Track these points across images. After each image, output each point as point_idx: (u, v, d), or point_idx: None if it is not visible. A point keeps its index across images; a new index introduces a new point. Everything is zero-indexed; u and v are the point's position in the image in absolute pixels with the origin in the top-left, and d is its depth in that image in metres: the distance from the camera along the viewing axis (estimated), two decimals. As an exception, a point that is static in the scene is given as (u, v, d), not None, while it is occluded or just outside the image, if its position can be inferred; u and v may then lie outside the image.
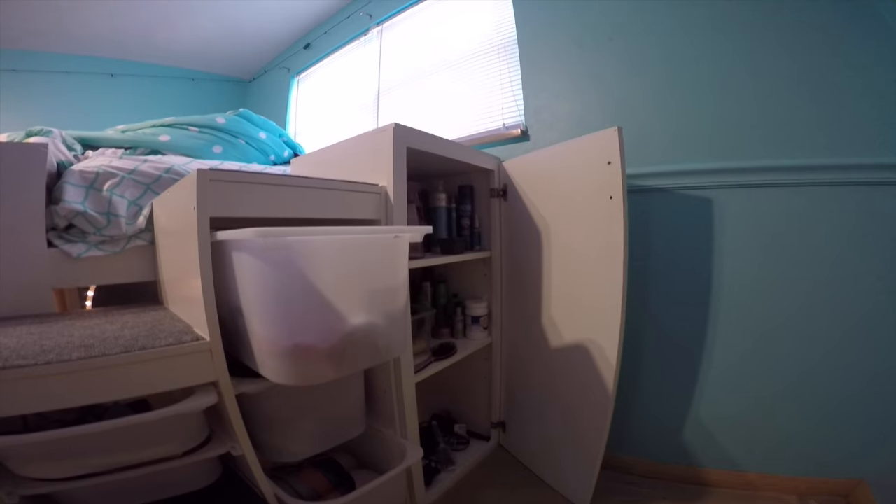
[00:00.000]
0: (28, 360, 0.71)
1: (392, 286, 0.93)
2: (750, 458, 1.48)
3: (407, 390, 1.26)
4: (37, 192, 1.17)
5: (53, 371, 0.71)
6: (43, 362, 0.71)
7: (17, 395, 0.69)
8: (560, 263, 1.43)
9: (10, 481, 0.76)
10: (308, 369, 0.79)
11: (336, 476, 1.31)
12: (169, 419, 0.80)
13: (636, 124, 1.51)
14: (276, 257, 0.72)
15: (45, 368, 0.70)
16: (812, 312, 1.38)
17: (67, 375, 0.72)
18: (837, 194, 1.32)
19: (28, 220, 1.16)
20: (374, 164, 1.23)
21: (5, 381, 0.67)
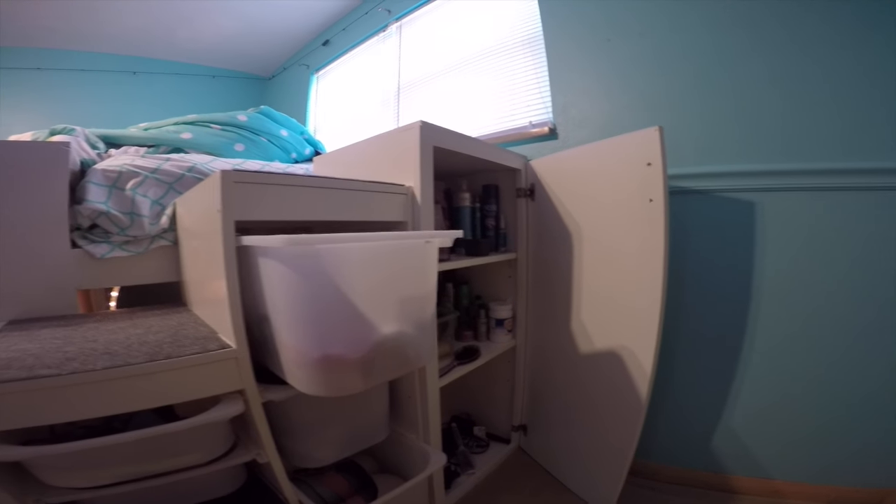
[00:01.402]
0: (52, 370, 0.70)
1: (422, 294, 0.90)
2: (778, 466, 1.44)
3: (431, 395, 1.23)
4: (60, 191, 1.16)
5: (77, 381, 0.69)
6: (67, 372, 0.69)
7: (40, 405, 0.67)
8: (592, 266, 1.39)
9: (37, 489, 0.75)
10: (337, 380, 0.76)
11: (358, 480, 1.30)
12: (196, 428, 0.78)
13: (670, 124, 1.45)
14: (306, 266, 0.69)
15: (69, 378, 0.68)
16: (851, 320, 1.32)
17: (92, 385, 0.70)
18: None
19: (51, 221, 1.15)
20: (399, 164, 1.19)
21: (29, 392, 0.66)
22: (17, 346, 0.83)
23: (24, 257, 1.11)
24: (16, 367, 0.71)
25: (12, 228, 1.10)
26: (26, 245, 1.11)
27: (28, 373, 0.68)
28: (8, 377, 0.66)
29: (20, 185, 1.11)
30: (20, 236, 1.10)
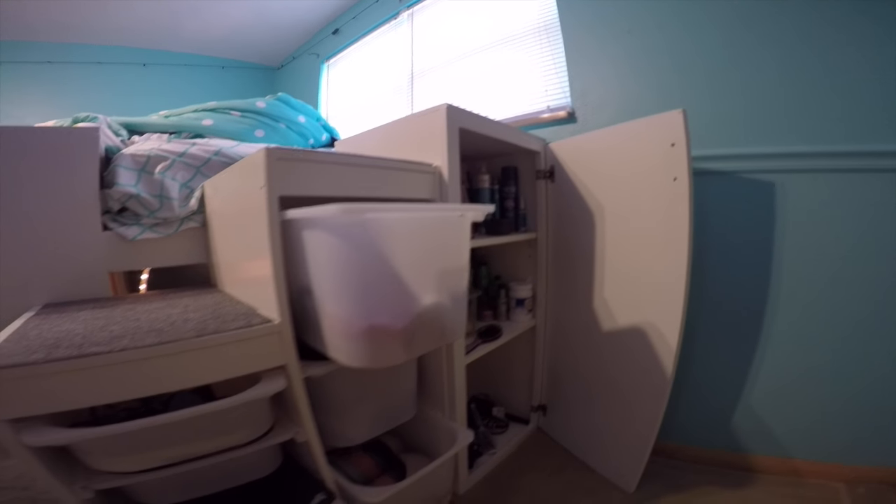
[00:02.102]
0: (102, 348, 0.70)
1: (458, 266, 0.92)
2: (797, 445, 1.46)
3: (458, 373, 1.26)
4: (91, 175, 1.18)
5: (128, 358, 0.69)
6: (118, 349, 0.69)
7: (92, 385, 0.68)
8: (615, 244, 1.40)
9: (84, 475, 0.75)
10: (381, 351, 0.78)
11: (385, 459, 1.32)
12: (241, 406, 0.78)
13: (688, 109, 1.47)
14: (355, 235, 0.71)
15: (121, 356, 0.68)
16: (870, 297, 1.33)
17: (142, 363, 0.71)
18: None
19: (83, 204, 1.17)
20: (425, 145, 1.21)
21: (80, 371, 0.66)
22: (60, 327, 0.84)
23: (58, 241, 1.13)
24: (65, 345, 0.72)
25: (45, 213, 1.12)
26: (59, 229, 1.13)
27: (79, 350, 0.68)
28: (59, 355, 0.66)
29: (53, 170, 1.13)
30: (53, 220, 1.12)
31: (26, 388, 0.63)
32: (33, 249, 1.10)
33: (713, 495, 1.39)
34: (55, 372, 0.64)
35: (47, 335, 0.78)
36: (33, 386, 0.64)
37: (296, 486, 1.03)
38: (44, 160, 1.12)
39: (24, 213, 1.09)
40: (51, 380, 0.65)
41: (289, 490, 1.03)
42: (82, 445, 0.74)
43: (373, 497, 0.98)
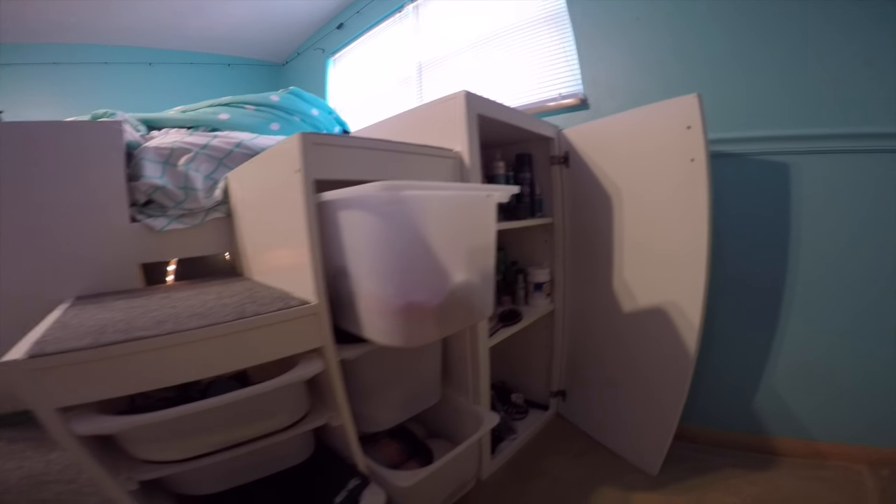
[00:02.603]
0: (149, 331, 0.70)
1: (486, 245, 0.93)
2: (819, 426, 1.46)
3: (482, 355, 1.27)
4: (117, 168, 1.20)
5: (175, 342, 0.70)
6: (165, 332, 0.70)
7: (140, 369, 0.68)
8: (633, 226, 1.42)
9: (128, 467, 0.76)
10: (416, 329, 0.80)
11: (410, 446, 1.33)
12: (279, 389, 0.79)
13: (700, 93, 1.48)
14: (393, 212, 0.72)
15: (168, 339, 0.69)
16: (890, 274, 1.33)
17: (187, 346, 0.71)
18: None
19: (111, 197, 1.19)
20: (444, 132, 1.22)
21: (129, 356, 0.66)
22: (99, 316, 0.85)
23: (88, 233, 1.15)
24: (111, 331, 0.72)
25: (75, 206, 1.14)
26: (89, 222, 1.15)
27: (126, 335, 0.68)
28: (108, 340, 0.66)
29: (80, 164, 1.15)
30: (83, 213, 1.15)
31: (75, 375, 0.63)
32: (64, 243, 1.12)
33: (736, 478, 1.40)
34: (104, 357, 0.64)
35: (89, 323, 0.79)
36: (82, 373, 0.64)
37: (330, 471, 1.05)
38: (71, 154, 1.14)
39: (55, 206, 1.11)
40: (99, 366, 0.65)
41: (323, 476, 1.04)
42: (128, 434, 0.75)
43: (406, 481, 0.99)
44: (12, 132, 1.07)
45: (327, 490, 0.98)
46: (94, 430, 0.65)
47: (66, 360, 0.62)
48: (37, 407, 0.62)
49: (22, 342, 0.69)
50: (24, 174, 1.08)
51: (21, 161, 1.08)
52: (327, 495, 0.97)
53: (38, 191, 1.09)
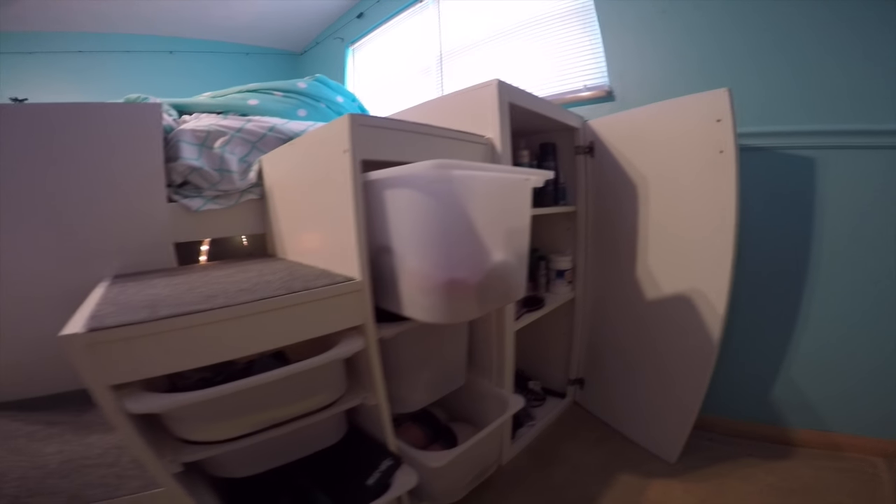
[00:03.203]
0: (202, 305, 0.70)
1: (522, 227, 0.96)
2: (837, 418, 1.47)
3: (508, 339, 1.29)
4: (156, 149, 1.22)
5: (228, 315, 0.70)
6: (218, 306, 0.70)
7: (194, 344, 0.68)
8: (659, 215, 1.43)
9: (172, 450, 0.76)
10: (458, 305, 0.82)
11: (432, 430, 1.35)
12: (322, 367, 0.80)
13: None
14: (441, 191, 0.74)
15: (220, 313, 0.69)
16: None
17: (239, 320, 0.72)
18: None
19: (149, 177, 1.21)
20: (476, 119, 1.24)
21: (183, 330, 0.66)
22: (145, 292, 0.84)
23: (126, 213, 1.18)
24: (163, 305, 0.71)
25: (114, 186, 1.16)
26: (127, 201, 1.18)
27: (181, 309, 0.68)
28: (164, 314, 0.66)
29: (121, 145, 1.17)
30: (122, 193, 1.17)
31: (131, 350, 0.63)
32: (104, 222, 1.15)
33: (753, 467, 1.42)
34: (160, 331, 0.64)
35: (137, 299, 0.78)
36: (137, 348, 0.64)
37: (361, 453, 1.06)
38: (112, 136, 1.16)
39: (96, 185, 1.14)
40: (154, 340, 0.65)
41: (355, 457, 1.06)
42: (177, 414, 0.75)
43: (437, 461, 1.02)
44: (59, 113, 1.09)
45: (359, 471, 1.00)
46: (147, 408, 0.64)
47: (124, 335, 0.62)
48: (93, 383, 0.61)
49: (76, 318, 0.68)
50: (68, 154, 1.10)
51: (67, 140, 1.10)
52: (360, 477, 0.98)
53: (81, 170, 1.11)
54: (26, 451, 0.83)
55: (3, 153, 1.03)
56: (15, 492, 0.70)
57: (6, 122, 1.03)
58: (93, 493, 0.71)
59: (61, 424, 0.95)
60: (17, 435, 0.89)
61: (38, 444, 0.86)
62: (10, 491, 0.70)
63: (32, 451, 0.83)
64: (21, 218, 1.05)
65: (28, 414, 1.00)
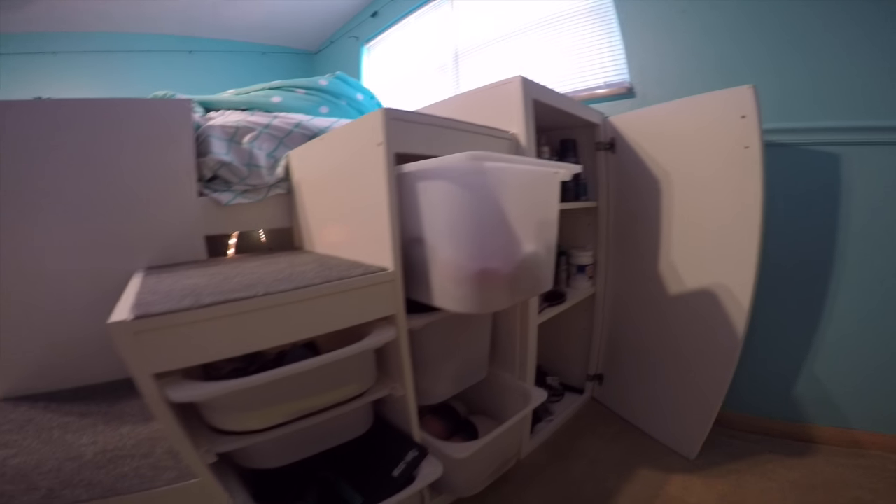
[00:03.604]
0: (244, 293, 0.70)
1: (551, 219, 0.97)
2: (859, 415, 1.47)
3: (531, 332, 1.31)
4: (187, 144, 1.25)
5: (270, 303, 0.71)
6: (261, 293, 0.71)
7: (236, 332, 0.69)
8: (683, 210, 1.44)
9: (207, 440, 0.77)
10: (489, 295, 0.83)
11: (452, 423, 1.37)
12: (354, 357, 0.81)
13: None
14: (476, 182, 0.76)
15: (263, 301, 0.70)
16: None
17: (280, 308, 0.73)
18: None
19: (181, 171, 1.24)
20: (497, 115, 1.25)
21: (226, 318, 0.67)
22: (183, 282, 0.85)
23: (159, 206, 1.20)
24: (205, 293, 0.72)
25: (149, 179, 1.19)
26: (161, 194, 1.21)
27: (224, 297, 0.69)
28: (207, 302, 0.66)
29: (154, 139, 1.20)
30: (155, 187, 1.20)
31: (175, 338, 0.64)
32: (137, 214, 1.17)
33: (773, 463, 1.42)
34: (203, 319, 0.65)
35: (177, 288, 0.79)
36: (182, 336, 0.64)
37: (388, 444, 1.07)
38: (147, 130, 1.19)
39: (130, 179, 1.16)
40: (198, 328, 0.65)
41: (381, 448, 1.07)
42: (215, 404, 0.77)
43: (462, 452, 1.04)
44: (94, 108, 1.12)
45: (385, 462, 1.01)
46: (189, 397, 0.65)
47: (169, 322, 0.63)
48: (137, 371, 0.62)
49: (120, 306, 0.68)
50: (104, 148, 1.13)
51: (102, 135, 1.13)
52: (385, 468, 0.99)
53: (116, 164, 1.14)
54: (60, 443, 0.83)
55: (43, 148, 1.06)
56: (50, 484, 0.71)
57: (45, 118, 1.06)
58: (128, 484, 0.72)
59: (94, 415, 0.96)
60: (50, 426, 0.90)
61: (71, 435, 0.87)
62: (46, 483, 0.71)
63: (67, 442, 0.84)
64: (57, 211, 1.07)
65: (60, 405, 1.01)
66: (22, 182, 1.03)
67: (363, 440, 1.06)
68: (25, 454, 0.79)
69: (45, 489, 0.69)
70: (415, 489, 0.95)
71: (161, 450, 0.81)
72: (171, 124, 1.23)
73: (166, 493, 0.71)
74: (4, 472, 0.73)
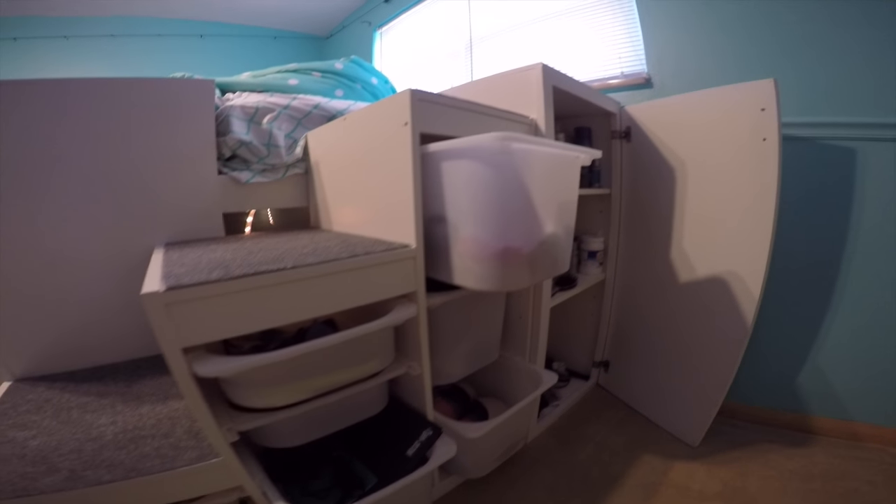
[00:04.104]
0: (273, 265, 0.70)
1: (571, 202, 1.00)
2: (859, 407, 1.49)
3: (543, 315, 1.33)
4: (208, 123, 1.26)
5: (299, 276, 0.71)
6: (291, 266, 0.70)
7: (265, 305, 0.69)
8: (697, 199, 1.45)
9: (229, 418, 0.77)
10: (511, 274, 0.85)
11: (461, 405, 1.39)
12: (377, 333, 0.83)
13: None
14: (503, 162, 0.77)
15: (292, 273, 0.70)
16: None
17: (307, 282, 0.73)
18: None
19: (202, 150, 1.25)
20: (516, 100, 1.26)
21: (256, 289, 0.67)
22: (207, 256, 0.84)
23: (179, 183, 1.22)
24: (234, 265, 0.71)
25: (169, 157, 1.20)
26: (181, 172, 1.22)
27: (254, 269, 0.68)
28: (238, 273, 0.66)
29: (176, 118, 1.21)
30: (176, 164, 1.21)
31: (203, 311, 0.63)
32: (157, 190, 1.19)
33: (774, 453, 1.44)
34: (233, 291, 0.65)
35: (201, 261, 0.78)
36: (210, 308, 0.64)
37: (402, 423, 1.08)
38: (169, 109, 1.20)
39: (152, 156, 1.18)
40: (227, 301, 0.65)
41: (396, 427, 1.08)
42: (239, 379, 0.77)
43: (475, 432, 1.06)
44: (118, 87, 1.14)
45: (399, 442, 1.02)
46: (218, 372, 0.65)
47: (200, 294, 0.62)
48: (167, 345, 0.62)
49: (150, 279, 0.67)
50: (126, 126, 1.14)
51: (125, 113, 1.14)
52: (399, 447, 1.00)
53: (138, 141, 1.15)
54: (80, 423, 0.83)
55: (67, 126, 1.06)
56: (72, 465, 0.70)
57: (70, 97, 1.07)
58: (150, 464, 0.72)
59: (112, 395, 0.96)
60: (69, 406, 0.91)
61: (90, 415, 0.87)
62: (67, 464, 0.70)
63: (86, 422, 0.84)
64: (78, 187, 1.08)
65: (78, 385, 1.02)
66: (43, 159, 1.04)
67: (377, 420, 1.07)
68: (45, 435, 0.79)
69: (67, 470, 0.69)
70: (429, 468, 0.96)
71: (181, 429, 0.82)
72: (194, 104, 1.24)
73: (188, 472, 0.72)
74: (25, 453, 0.73)
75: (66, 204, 1.07)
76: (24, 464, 0.70)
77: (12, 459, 0.71)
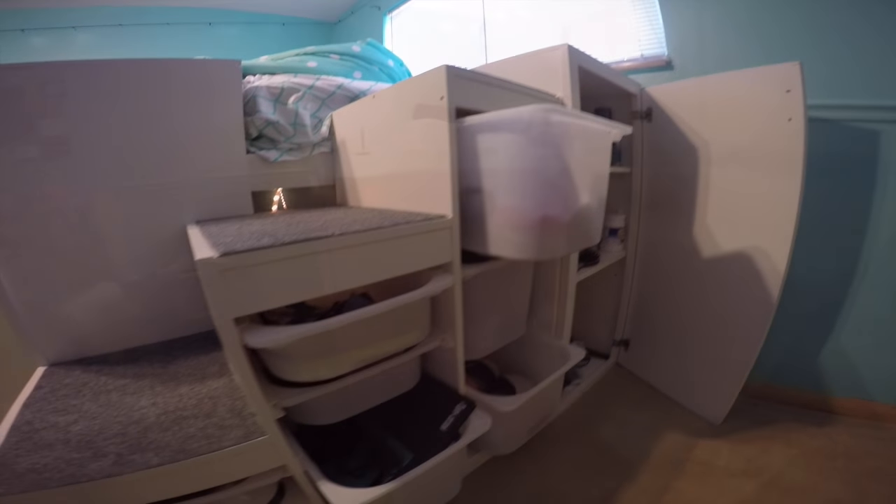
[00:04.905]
0: (321, 232, 0.71)
1: (604, 174, 1.01)
2: (882, 390, 1.49)
3: (570, 290, 1.34)
4: (236, 103, 1.27)
5: (344, 244, 0.72)
6: (338, 233, 0.71)
7: (313, 272, 0.70)
8: (720, 178, 1.45)
9: (274, 394, 0.78)
10: (548, 241, 0.87)
11: (486, 382, 1.40)
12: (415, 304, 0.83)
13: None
14: (543, 133, 0.78)
15: (339, 240, 0.71)
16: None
17: (355, 249, 0.74)
18: None
19: (231, 129, 1.26)
20: (541, 80, 1.26)
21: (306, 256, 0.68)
22: (248, 229, 0.83)
23: (209, 162, 1.23)
24: (281, 234, 0.71)
25: (200, 136, 1.21)
26: (211, 151, 1.23)
27: (303, 235, 0.69)
28: (288, 240, 0.65)
29: (206, 98, 1.21)
30: (208, 143, 1.22)
31: (253, 279, 0.63)
32: (188, 169, 1.20)
33: (796, 431, 1.45)
34: (282, 258, 0.65)
35: (243, 232, 0.78)
36: (261, 276, 0.64)
37: (436, 398, 1.09)
38: (199, 88, 1.20)
39: (184, 135, 1.18)
40: (276, 268, 0.65)
41: (429, 403, 1.09)
42: (285, 352, 0.77)
43: (508, 405, 1.07)
44: (148, 68, 1.14)
45: (433, 417, 1.02)
46: (268, 342, 0.65)
47: (252, 260, 0.62)
48: (220, 315, 0.61)
49: (199, 249, 0.67)
50: (162, 105, 1.15)
51: (157, 93, 1.14)
52: (433, 422, 1.00)
53: (172, 121, 1.16)
54: (121, 406, 0.83)
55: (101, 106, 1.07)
56: (118, 449, 0.69)
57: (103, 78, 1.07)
58: (197, 445, 0.71)
59: (149, 377, 0.96)
60: (108, 389, 0.90)
61: (130, 397, 0.86)
62: (113, 448, 0.69)
63: (126, 404, 0.83)
64: (109, 166, 1.09)
65: (113, 367, 1.02)
66: (76, 138, 1.04)
67: (409, 396, 1.08)
68: (87, 419, 0.78)
69: (114, 455, 0.68)
70: (464, 443, 0.96)
71: (223, 408, 0.82)
72: (222, 83, 1.24)
73: (236, 452, 0.72)
74: (69, 438, 0.72)
75: (96, 182, 1.08)
76: (69, 449, 0.69)
77: (56, 445, 0.70)
